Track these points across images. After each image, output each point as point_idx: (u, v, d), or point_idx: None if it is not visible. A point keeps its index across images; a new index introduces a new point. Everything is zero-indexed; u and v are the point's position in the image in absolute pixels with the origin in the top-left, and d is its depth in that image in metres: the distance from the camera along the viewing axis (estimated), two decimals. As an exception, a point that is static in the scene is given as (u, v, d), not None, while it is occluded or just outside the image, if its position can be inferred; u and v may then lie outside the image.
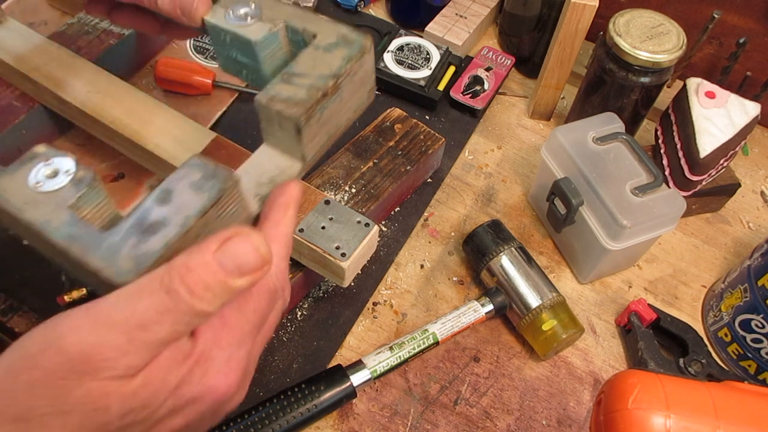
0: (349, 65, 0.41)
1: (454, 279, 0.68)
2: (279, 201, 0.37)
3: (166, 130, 0.61)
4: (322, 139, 0.44)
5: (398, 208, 0.72)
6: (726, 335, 0.64)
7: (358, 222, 0.56)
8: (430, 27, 0.87)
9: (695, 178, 0.68)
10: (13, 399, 0.28)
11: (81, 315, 0.29)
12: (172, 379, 0.30)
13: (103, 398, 0.28)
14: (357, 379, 0.56)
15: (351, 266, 0.54)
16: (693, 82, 0.69)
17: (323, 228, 0.56)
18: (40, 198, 0.36)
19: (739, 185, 0.74)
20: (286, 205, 0.37)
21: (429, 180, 0.75)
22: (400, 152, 0.69)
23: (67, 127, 0.69)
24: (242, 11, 0.43)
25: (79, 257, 0.35)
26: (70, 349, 0.28)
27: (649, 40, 0.66)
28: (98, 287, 0.36)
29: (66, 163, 0.37)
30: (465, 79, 0.82)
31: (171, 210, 0.36)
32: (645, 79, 0.68)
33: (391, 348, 0.59)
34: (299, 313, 0.63)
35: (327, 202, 0.58)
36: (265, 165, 0.43)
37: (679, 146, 0.69)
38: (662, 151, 0.72)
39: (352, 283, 0.65)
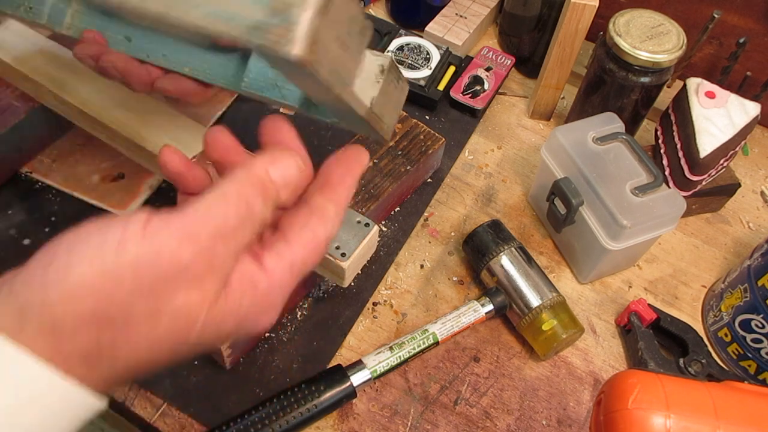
0: None
1: (454, 279, 0.68)
2: (343, 166, 0.39)
3: (166, 130, 0.61)
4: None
5: (398, 208, 0.72)
6: (726, 335, 0.64)
7: (358, 222, 0.56)
8: (430, 27, 0.87)
9: (695, 178, 0.68)
10: (112, 301, 0.29)
11: (176, 227, 0.30)
12: (244, 309, 0.33)
13: (194, 312, 0.30)
14: (357, 379, 0.56)
15: (351, 266, 0.54)
16: (693, 82, 0.69)
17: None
18: None
19: (739, 185, 0.74)
20: (351, 172, 0.39)
21: (429, 180, 0.75)
22: (400, 152, 0.69)
23: (67, 126, 0.69)
24: None
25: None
26: (170, 261, 0.30)
27: (649, 40, 0.66)
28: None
29: None
30: (465, 79, 0.82)
31: None
32: (645, 79, 0.68)
33: (391, 348, 0.59)
34: (299, 313, 0.63)
35: None
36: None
37: (679, 146, 0.69)
38: (662, 151, 0.72)
39: (352, 283, 0.65)
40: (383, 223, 0.70)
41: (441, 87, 0.81)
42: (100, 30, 0.54)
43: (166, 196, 0.69)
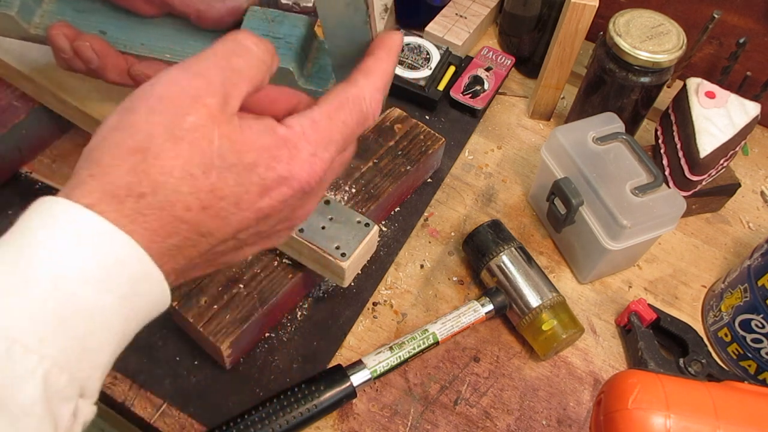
0: None
1: (454, 279, 0.68)
2: (385, 43, 0.40)
3: None
4: None
5: (398, 208, 0.72)
6: (726, 335, 0.64)
7: (358, 222, 0.56)
8: (430, 27, 0.87)
9: (695, 178, 0.68)
10: (134, 129, 0.32)
11: (182, 65, 0.33)
12: (265, 143, 0.33)
13: (209, 128, 0.32)
14: (357, 379, 0.56)
15: (351, 266, 0.55)
16: (693, 82, 0.69)
17: (323, 228, 0.56)
18: None
19: (739, 185, 0.74)
20: (389, 47, 0.40)
21: (429, 180, 0.75)
22: (400, 152, 0.69)
23: (67, 126, 0.69)
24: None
25: None
26: (181, 82, 0.32)
27: (649, 40, 0.66)
28: None
29: None
30: (465, 79, 0.82)
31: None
32: (645, 79, 0.68)
33: (391, 348, 0.59)
34: (299, 313, 0.63)
35: (327, 202, 0.58)
36: None
37: (679, 146, 0.69)
38: (662, 151, 0.72)
39: (352, 283, 0.65)
40: (383, 223, 0.70)
41: (441, 87, 0.81)
42: (74, 24, 0.54)
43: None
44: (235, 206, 0.33)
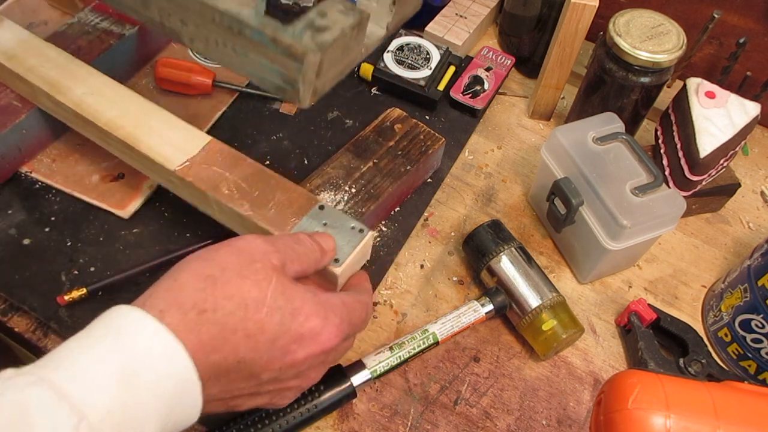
0: None
1: (454, 279, 0.68)
2: (363, 281, 0.54)
3: (160, 133, 0.60)
4: (399, 17, 0.58)
5: (398, 208, 0.72)
6: (726, 335, 0.64)
7: (353, 228, 0.55)
8: (430, 27, 0.87)
9: (695, 178, 0.68)
10: (212, 262, 0.41)
11: (253, 235, 0.45)
12: (309, 298, 0.42)
13: (270, 274, 0.41)
14: (357, 379, 0.56)
15: (344, 272, 0.54)
16: (693, 82, 0.69)
17: (316, 232, 0.55)
18: None
19: (739, 185, 0.74)
20: (362, 283, 0.53)
21: (429, 180, 0.75)
22: (400, 152, 0.69)
23: (67, 126, 0.69)
24: None
25: (271, 36, 0.47)
26: (258, 242, 0.43)
27: (649, 40, 0.66)
28: (278, 75, 0.49)
29: None
30: (465, 79, 0.82)
31: (329, 22, 0.49)
32: (645, 79, 0.68)
33: (391, 348, 0.59)
34: (299, 313, 0.63)
35: (321, 207, 0.57)
36: None
37: (679, 146, 0.69)
38: (662, 151, 0.72)
39: (352, 283, 0.65)
40: (383, 223, 0.70)
41: (441, 87, 0.81)
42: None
43: (165, 196, 0.69)
44: (271, 343, 0.40)
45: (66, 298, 0.59)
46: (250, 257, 0.41)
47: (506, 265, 0.63)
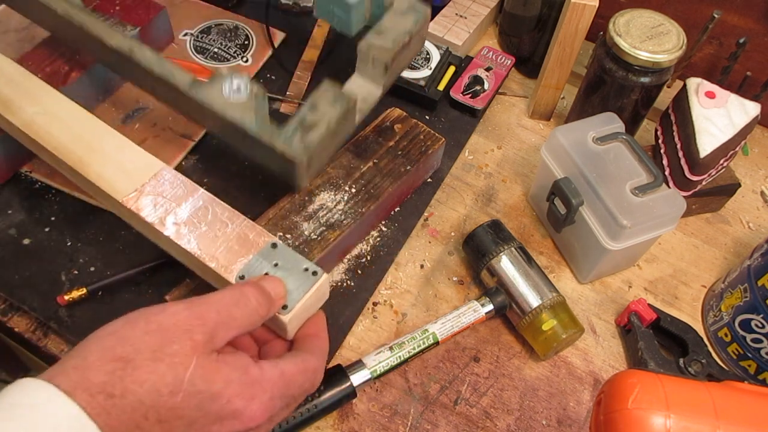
0: (417, 25, 0.63)
1: (454, 279, 0.68)
2: (314, 328, 0.50)
3: (113, 159, 0.57)
4: (395, 74, 0.65)
5: (398, 208, 0.72)
6: (726, 335, 0.64)
7: (306, 269, 0.50)
8: (430, 27, 0.87)
9: (695, 178, 0.68)
10: (126, 341, 0.38)
11: (189, 303, 0.41)
12: (235, 378, 0.39)
13: (189, 357, 0.38)
14: (357, 379, 0.56)
15: (294, 319, 0.49)
16: (693, 82, 0.69)
17: (266, 275, 0.50)
18: (234, 104, 0.56)
19: (739, 185, 0.74)
20: (323, 329, 0.51)
21: (429, 180, 0.75)
22: (400, 152, 0.69)
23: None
24: None
25: (268, 143, 0.55)
26: (180, 317, 0.39)
27: (649, 40, 0.66)
28: (279, 165, 0.58)
29: (243, 80, 0.57)
30: (465, 79, 0.82)
31: (318, 116, 0.57)
32: (645, 79, 0.68)
33: (391, 348, 0.59)
34: (299, 313, 0.63)
35: (274, 246, 0.52)
36: (359, 90, 0.64)
37: (679, 146, 0.69)
38: (662, 151, 0.72)
39: (352, 283, 0.65)
40: (383, 223, 0.70)
41: (441, 87, 0.81)
42: None
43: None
44: (188, 427, 0.38)
45: (66, 298, 0.59)
46: (168, 337, 0.38)
47: (506, 265, 0.63)
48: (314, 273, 0.50)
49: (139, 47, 0.59)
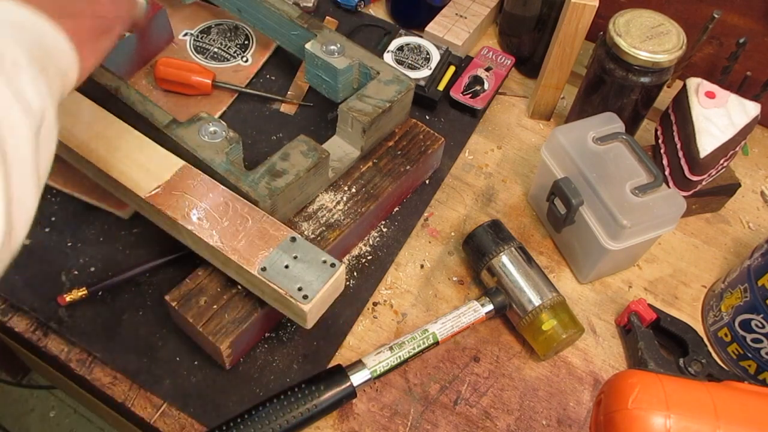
0: (399, 95, 0.66)
1: (454, 279, 0.68)
2: None
3: (134, 158, 0.59)
4: (374, 139, 0.67)
5: (398, 208, 0.72)
6: (726, 335, 0.64)
7: (324, 261, 0.54)
8: (430, 27, 0.87)
9: (695, 178, 0.68)
10: None
11: None
12: None
13: None
14: (357, 379, 0.56)
15: (314, 309, 0.52)
16: (693, 82, 0.69)
17: (286, 267, 0.53)
18: (207, 145, 0.59)
19: (739, 185, 0.74)
20: None
21: (429, 180, 0.75)
22: (399, 152, 0.69)
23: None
24: (332, 47, 0.68)
25: (234, 183, 0.58)
26: None
27: (649, 40, 0.66)
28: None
29: (221, 126, 0.60)
30: (465, 79, 0.82)
31: (288, 165, 0.60)
32: (645, 79, 0.68)
33: (391, 348, 0.59)
34: (299, 313, 0.63)
35: (293, 239, 0.55)
36: (336, 150, 0.66)
37: (679, 146, 0.69)
38: (662, 151, 0.72)
39: (352, 283, 0.65)
40: (383, 223, 0.70)
41: (441, 87, 0.81)
42: (218, 2, 0.79)
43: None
44: None
45: (66, 298, 0.59)
46: None
47: (506, 265, 0.63)
48: (332, 265, 0.54)
49: (126, 87, 0.62)
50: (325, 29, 0.71)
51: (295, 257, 0.54)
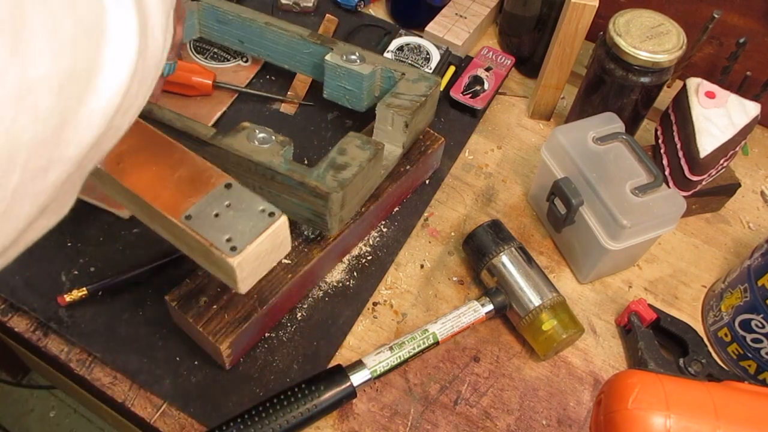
0: (431, 90, 0.66)
1: (454, 279, 0.68)
2: None
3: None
4: (413, 135, 0.67)
5: (398, 208, 0.72)
6: (726, 335, 0.64)
7: (262, 210, 0.46)
8: (430, 27, 0.87)
9: (695, 178, 0.68)
10: None
11: None
12: None
13: None
14: (357, 379, 0.56)
15: (244, 265, 0.44)
16: (693, 82, 0.69)
17: (216, 215, 0.46)
18: (263, 150, 0.56)
19: (739, 185, 0.74)
20: None
21: (429, 180, 0.75)
22: (400, 152, 0.69)
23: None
24: (352, 57, 0.68)
25: (299, 180, 0.55)
26: None
27: (649, 40, 0.66)
28: (308, 208, 0.57)
29: (267, 132, 0.58)
30: (465, 79, 0.82)
31: (349, 158, 0.58)
32: (645, 79, 0.68)
33: (391, 348, 0.59)
34: (299, 313, 0.63)
35: (228, 186, 0.47)
36: None
37: (679, 146, 0.69)
38: (662, 151, 0.72)
39: (352, 282, 0.65)
40: (383, 223, 0.70)
41: (441, 87, 0.81)
42: (219, 34, 0.76)
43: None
44: None
45: (66, 298, 0.59)
46: None
47: (506, 265, 0.63)
48: (271, 214, 0.45)
49: (158, 108, 0.60)
50: (339, 42, 0.71)
51: (228, 205, 0.46)
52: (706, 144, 0.65)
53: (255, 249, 0.44)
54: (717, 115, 0.67)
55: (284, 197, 0.57)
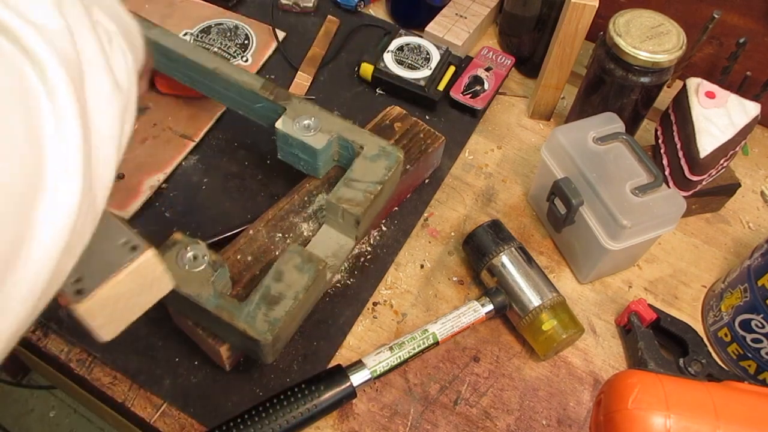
0: (389, 173, 0.60)
1: (454, 279, 0.68)
2: None
3: None
4: (369, 224, 0.61)
5: (398, 208, 0.72)
6: (726, 335, 0.64)
7: (124, 243, 0.38)
8: (430, 27, 0.87)
9: (695, 178, 0.68)
10: None
11: None
12: None
13: None
14: (357, 379, 0.56)
15: (97, 311, 0.37)
16: (693, 82, 0.69)
17: None
18: (191, 276, 0.49)
19: (739, 185, 0.74)
20: None
21: (429, 180, 0.75)
22: (400, 152, 0.69)
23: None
24: (306, 122, 0.60)
25: (228, 321, 0.49)
26: None
27: (649, 40, 0.66)
28: (241, 341, 0.52)
29: (200, 249, 0.51)
30: (465, 79, 0.82)
31: (284, 287, 0.52)
32: (645, 79, 0.68)
33: (391, 348, 0.59)
34: (299, 313, 0.63)
35: None
36: (328, 242, 0.60)
37: (679, 146, 0.69)
38: (662, 151, 0.72)
39: (351, 282, 0.65)
40: (383, 222, 0.70)
41: (441, 87, 0.81)
42: (168, 71, 0.68)
43: (166, 197, 0.69)
44: None
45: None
46: None
47: (506, 265, 0.63)
48: (134, 248, 0.38)
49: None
50: (294, 99, 0.63)
51: None
52: (706, 144, 0.65)
53: (109, 292, 0.37)
54: (717, 115, 0.67)
55: (217, 326, 0.52)
